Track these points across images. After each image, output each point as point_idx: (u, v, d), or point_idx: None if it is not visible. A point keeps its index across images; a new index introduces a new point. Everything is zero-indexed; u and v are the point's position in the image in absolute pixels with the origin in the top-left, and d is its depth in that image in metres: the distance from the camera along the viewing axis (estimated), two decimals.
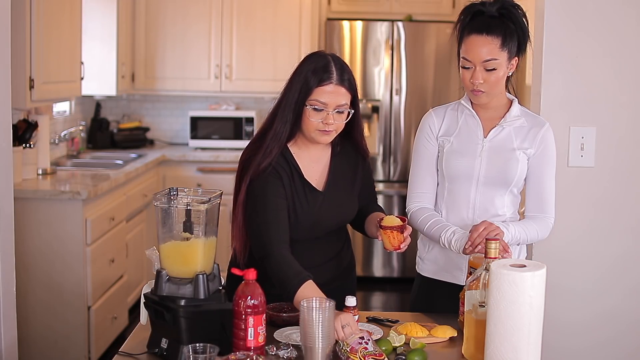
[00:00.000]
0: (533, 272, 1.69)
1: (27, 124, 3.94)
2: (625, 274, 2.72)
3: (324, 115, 2.08)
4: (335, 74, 2.08)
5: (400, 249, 2.12)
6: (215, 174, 5.25)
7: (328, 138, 2.14)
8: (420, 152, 2.39)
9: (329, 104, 2.07)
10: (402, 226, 2.10)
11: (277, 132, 2.12)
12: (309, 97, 2.07)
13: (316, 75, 2.07)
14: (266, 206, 2.11)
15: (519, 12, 2.21)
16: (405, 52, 5.56)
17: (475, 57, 2.19)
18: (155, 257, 1.93)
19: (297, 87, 2.09)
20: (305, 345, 1.80)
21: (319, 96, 2.07)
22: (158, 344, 1.87)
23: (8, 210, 2.56)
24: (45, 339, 3.67)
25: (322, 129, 2.10)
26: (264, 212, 2.11)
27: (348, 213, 2.30)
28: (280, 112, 2.12)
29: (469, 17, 2.23)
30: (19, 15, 3.51)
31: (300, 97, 2.08)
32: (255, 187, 2.13)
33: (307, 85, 2.07)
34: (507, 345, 1.71)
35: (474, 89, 2.22)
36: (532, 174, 2.31)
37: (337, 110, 2.09)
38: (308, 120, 2.09)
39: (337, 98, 2.08)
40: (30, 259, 3.63)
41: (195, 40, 5.46)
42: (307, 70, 2.09)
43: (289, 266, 2.02)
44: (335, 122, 2.10)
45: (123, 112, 5.83)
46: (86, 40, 4.64)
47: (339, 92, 2.08)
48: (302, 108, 2.09)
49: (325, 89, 2.07)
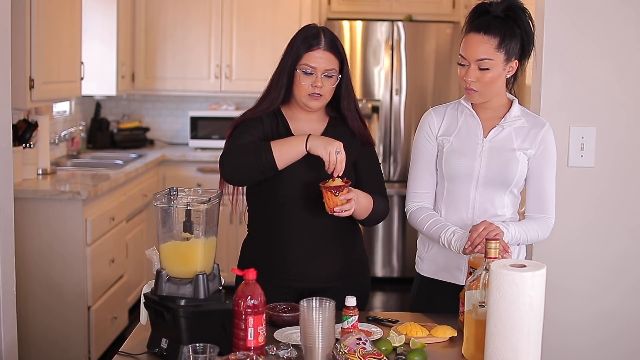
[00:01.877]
0: (533, 272, 1.69)
1: (27, 124, 3.94)
2: (625, 274, 2.72)
3: (314, 78, 2.23)
4: (324, 41, 2.24)
5: (334, 213, 2.11)
6: (215, 174, 5.16)
7: (317, 103, 2.27)
8: (419, 151, 2.38)
9: (318, 67, 2.22)
10: (338, 187, 2.09)
11: (271, 97, 2.29)
12: (300, 61, 2.23)
13: (306, 41, 2.24)
14: (242, 139, 2.23)
15: (525, 15, 2.21)
16: (405, 52, 5.56)
17: (470, 55, 2.20)
18: (155, 257, 1.94)
19: (289, 54, 2.26)
20: (305, 345, 1.80)
21: (308, 60, 2.23)
22: (158, 344, 1.87)
23: (8, 211, 2.57)
24: (45, 339, 3.67)
25: (311, 92, 2.23)
26: (238, 139, 2.23)
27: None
28: (275, 79, 2.29)
29: (475, 16, 2.24)
30: (19, 15, 3.51)
31: (292, 62, 2.24)
32: (238, 129, 2.27)
33: (298, 51, 2.24)
34: (507, 345, 1.71)
35: (467, 87, 2.23)
36: (533, 174, 2.31)
37: (325, 74, 2.23)
38: (299, 84, 2.24)
39: (325, 63, 2.23)
40: (30, 259, 3.63)
41: (195, 40, 5.46)
42: (299, 39, 2.26)
43: (248, 147, 2.16)
44: (325, 85, 2.24)
45: (123, 112, 5.83)
46: (86, 40, 4.64)
47: (327, 58, 2.23)
48: (294, 73, 2.24)
49: (314, 54, 2.23)
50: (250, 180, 2.23)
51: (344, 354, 1.80)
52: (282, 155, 2.14)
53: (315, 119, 2.34)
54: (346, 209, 2.13)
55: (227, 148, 2.25)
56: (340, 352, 1.81)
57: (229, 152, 2.22)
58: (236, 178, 2.24)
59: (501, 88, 2.27)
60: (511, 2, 2.21)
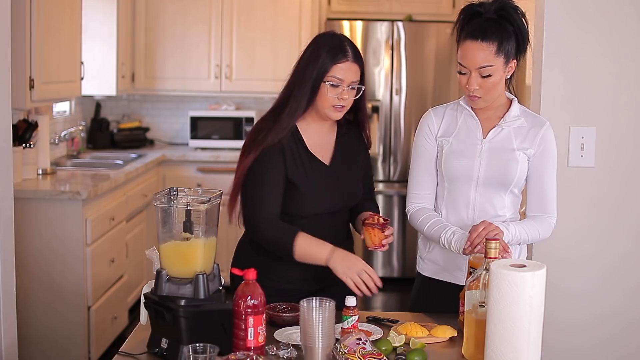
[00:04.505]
0: (533, 272, 1.69)
1: (27, 124, 3.94)
2: (625, 274, 2.72)
3: (340, 91, 2.20)
4: (350, 51, 2.21)
5: (381, 247, 2.21)
6: (215, 174, 5.25)
7: (339, 114, 2.25)
8: (419, 152, 2.38)
9: (345, 79, 2.20)
10: (383, 224, 2.20)
11: (292, 108, 2.23)
12: (327, 73, 2.18)
13: (333, 53, 2.19)
14: (263, 180, 2.22)
15: (518, 14, 2.20)
16: (405, 52, 5.56)
17: (470, 64, 2.18)
18: (155, 257, 1.93)
19: (314, 65, 2.20)
20: (305, 345, 1.80)
21: (336, 72, 2.19)
22: (158, 344, 1.87)
23: (8, 211, 2.56)
24: (45, 339, 3.67)
25: (336, 104, 2.21)
26: (259, 185, 2.22)
27: (352, 193, 2.35)
28: (297, 90, 2.22)
29: (467, 19, 2.22)
30: (19, 15, 3.51)
31: (318, 74, 2.19)
32: (260, 161, 2.23)
33: (324, 63, 2.19)
34: (507, 345, 1.71)
35: (470, 95, 2.22)
36: (533, 174, 2.31)
37: (350, 87, 2.21)
38: (325, 97, 2.20)
39: (351, 74, 2.20)
40: (30, 259, 3.63)
41: (195, 40, 5.46)
42: (323, 50, 2.20)
43: (277, 227, 2.20)
44: (349, 97, 2.22)
45: (123, 112, 5.83)
46: (86, 40, 4.64)
47: (353, 69, 2.21)
48: (319, 85, 2.19)
49: (342, 65, 2.19)
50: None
51: (344, 354, 1.80)
52: (302, 257, 2.18)
53: (327, 129, 2.34)
54: (390, 241, 2.23)
55: (251, 197, 2.22)
56: (340, 352, 1.81)
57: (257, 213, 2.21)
58: (255, 240, 2.28)
59: (501, 89, 2.27)
60: (502, 1, 2.20)
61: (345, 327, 1.96)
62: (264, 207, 2.21)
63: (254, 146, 2.22)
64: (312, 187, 2.25)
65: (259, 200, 2.22)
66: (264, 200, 2.21)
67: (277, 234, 2.20)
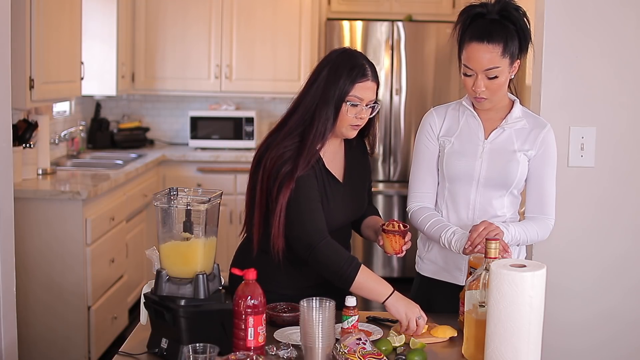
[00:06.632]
0: (533, 272, 1.69)
1: (27, 124, 3.94)
2: (625, 274, 2.72)
3: (359, 110, 2.18)
4: (370, 70, 2.19)
5: (401, 253, 2.21)
6: (215, 174, 5.25)
7: (355, 132, 2.24)
8: (420, 151, 2.38)
9: (365, 99, 2.18)
10: (404, 231, 2.20)
11: (319, 132, 2.16)
12: (349, 93, 2.15)
13: (355, 72, 2.16)
14: (310, 199, 2.16)
15: (520, 14, 2.20)
16: (405, 52, 5.56)
17: (476, 66, 2.17)
18: (155, 257, 1.93)
19: (335, 85, 2.15)
20: (305, 345, 1.80)
21: (357, 92, 2.16)
22: (158, 344, 1.87)
23: (8, 211, 2.56)
24: (45, 339, 3.67)
25: (354, 123, 2.19)
26: (308, 204, 2.15)
27: (360, 207, 2.36)
28: (320, 112, 2.16)
29: (469, 21, 2.22)
30: (19, 15, 3.51)
31: (340, 94, 2.16)
32: (300, 187, 2.15)
33: (346, 83, 2.15)
34: (507, 345, 1.71)
35: (477, 97, 2.22)
36: (533, 175, 2.31)
37: (369, 105, 2.20)
38: (345, 116, 2.17)
39: (371, 93, 2.20)
40: (30, 259, 3.63)
41: (195, 40, 5.46)
42: (344, 69, 2.16)
43: (337, 254, 2.10)
44: (366, 116, 2.21)
45: (123, 112, 5.83)
46: (86, 40, 4.64)
47: (373, 88, 2.20)
48: (341, 105, 2.16)
49: (362, 85, 2.16)
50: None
51: (344, 354, 1.80)
52: (358, 290, 2.08)
53: (338, 144, 2.31)
54: (409, 246, 2.23)
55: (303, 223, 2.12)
56: (340, 352, 1.81)
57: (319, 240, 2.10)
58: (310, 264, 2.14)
59: (506, 89, 2.27)
60: (505, 2, 2.19)
61: (345, 327, 1.96)
62: (318, 227, 2.12)
63: (288, 178, 2.13)
64: (330, 207, 2.22)
65: (312, 220, 2.13)
66: (316, 220, 2.13)
67: (338, 261, 2.08)
